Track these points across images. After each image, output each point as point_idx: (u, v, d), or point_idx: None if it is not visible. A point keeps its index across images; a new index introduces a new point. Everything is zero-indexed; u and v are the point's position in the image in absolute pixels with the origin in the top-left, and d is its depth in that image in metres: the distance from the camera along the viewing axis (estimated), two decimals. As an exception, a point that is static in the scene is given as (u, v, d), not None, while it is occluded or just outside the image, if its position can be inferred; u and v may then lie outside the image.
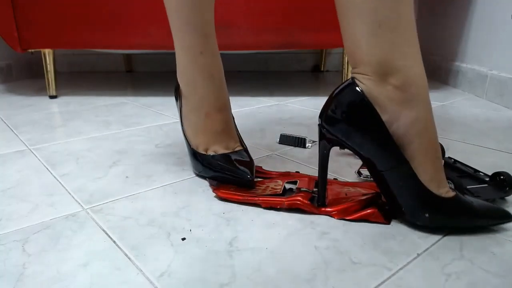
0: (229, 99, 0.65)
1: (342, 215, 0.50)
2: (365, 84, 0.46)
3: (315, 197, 0.53)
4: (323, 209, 0.51)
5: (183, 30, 0.60)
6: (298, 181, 0.58)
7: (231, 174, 0.57)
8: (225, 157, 0.60)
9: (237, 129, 0.66)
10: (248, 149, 0.64)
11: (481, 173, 0.58)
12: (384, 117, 0.46)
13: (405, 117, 0.45)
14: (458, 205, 0.46)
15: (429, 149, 0.46)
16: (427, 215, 0.46)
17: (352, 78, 0.48)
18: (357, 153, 0.48)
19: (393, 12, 0.43)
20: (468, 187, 0.54)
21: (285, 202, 0.51)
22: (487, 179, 0.56)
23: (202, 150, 0.62)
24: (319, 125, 0.50)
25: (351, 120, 0.47)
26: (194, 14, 0.59)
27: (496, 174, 0.54)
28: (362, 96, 0.46)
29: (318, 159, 0.51)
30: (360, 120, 0.47)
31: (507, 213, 0.47)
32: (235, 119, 0.67)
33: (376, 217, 0.49)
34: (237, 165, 0.58)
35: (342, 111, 0.47)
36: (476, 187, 0.54)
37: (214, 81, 0.62)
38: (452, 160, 0.64)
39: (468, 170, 0.60)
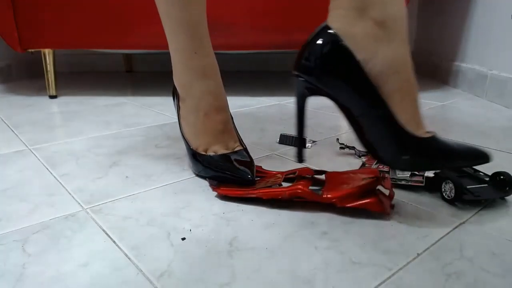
0: (226, 99, 0.65)
1: (343, 203, 0.49)
2: (341, 22, 0.45)
3: (316, 189, 0.53)
4: (324, 196, 0.50)
5: (176, 32, 0.61)
6: (297, 171, 0.58)
7: (231, 174, 0.58)
8: (225, 157, 0.60)
9: (236, 128, 0.66)
10: (248, 149, 0.64)
11: (481, 173, 0.58)
12: (360, 56, 0.45)
13: (382, 54, 0.44)
14: (437, 145, 0.45)
15: (406, 88, 0.45)
16: (407, 157, 0.45)
17: (326, 22, 0.47)
18: (334, 100, 0.48)
19: None
20: (468, 187, 0.54)
21: (286, 192, 0.51)
22: (487, 179, 0.56)
23: (202, 150, 0.62)
24: (295, 75, 0.49)
25: (326, 63, 0.46)
26: (185, 15, 0.59)
27: (496, 174, 0.54)
28: (335, 37, 0.45)
29: (296, 112, 0.50)
30: (335, 63, 0.46)
31: (484, 153, 0.47)
32: (233, 119, 0.67)
33: (375, 206, 0.48)
34: (237, 165, 0.58)
35: (316, 56, 0.47)
36: (476, 187, 0.54)
37: (210, 82, 0.62)
38: (452, 160, 0.64)
39: (468, 170, 0.60)
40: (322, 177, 0.57)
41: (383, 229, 0.47)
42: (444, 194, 0.54)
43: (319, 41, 0.46)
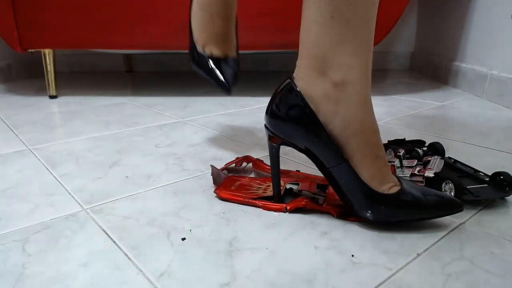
0: (235, 12, 0.69)
1: (343, 217, 0.50)
2: (305, 81, 0.47)
3: (317, 198, 0.53)
4: (324, 206, 0.51)
5: None
6: (300, 183, 0.58)
7: (214, 79, 0.64)
8: (217, 62, 0.66)
9: (236, 38, 0.70)
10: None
11: (481, 173, 0.58)
12: (320, 117, 0.46)
13: (340, 118, 0.46)
14: (400, 201, 0.46)
15: (366, 149, 0.46)
16: (369, 211, 0.47)
17: (292, 77, 0.48)
18: (302, 151, 0.49)
19: (349, 5, 0.43)
20: (468, 187, 0.54)
21: (287, 207, 0.52)
22: (487, 179, 0.56)
23: (201, 45, 0.67)
24: (264, 125, 0.51)
25: (291, 120, 0.48)
26: None
27: (496, 174, 0.54)
28: (300, 96, 0.47)
29: (269, 158, 0.53)
30: (300, 120, 0.47)
31: (456, 203, 0.47)
32: (239, 53, 0.71)
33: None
34: (223, 72, 0.64)
35: (282, 111, 0.49)
36: (476, 187, 0.54)
37: None
38: (452, 160, 0.64)
39: (468, 170, 0.60)
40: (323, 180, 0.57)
41: (383, 229, 0.47)
42: None
43: (285, 96, 0.48)
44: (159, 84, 1.56)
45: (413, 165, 0.61)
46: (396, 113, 1.04)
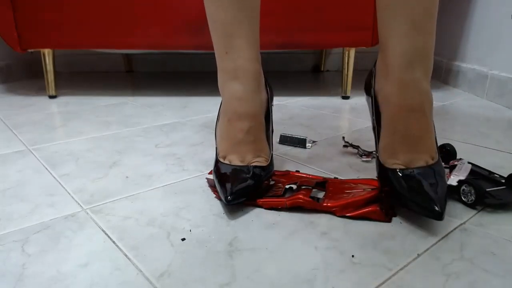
0: (260, 106, 0.60)
1: (343, 212, 0.50)
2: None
3: (317, 198, 0.53)
4: (325, 204, 0.51)
5: (211, 29, 0.59)
6: (299, 181, 0.58)
7: (219, 188, 0.54)
8: (227, 168, 0.56)
9: (267, 139, 0.61)
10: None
11: (496, 175, 0.57)
12: (376, 86, 0.57)
13: (384, 90, 0.55)
14: (388, 178, 0.51)
15: (390, 123, 0.53)
16: (377, 174, 0.55)
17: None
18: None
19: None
20: (487, 189, 0.52)
21: (287, 202, 0.51)
22: (503, 181, 0.54)
23: (221, 157, 0.59)
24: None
25: (366, 87, 0.62)
26: (218, 12, 0.57)
27: None
28: (371, 70, 0.60)
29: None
30: (368, 88, 0.61)
31: (437, 211, 0.44)
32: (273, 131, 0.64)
33: (377, 215, 0.49)
34: (229, 181, 0.53)
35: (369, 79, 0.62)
36: (496, 190, 0.52)
37: (238, 86, 0.58)
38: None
39: (483, 172, 0.58)
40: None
41: (383, 229, 0.47)
42: (463, 198, 0.52)
43: (370, 73, 0.61)
44: (159, 84, 1.56)
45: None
46: (396, 113, 1.04)
